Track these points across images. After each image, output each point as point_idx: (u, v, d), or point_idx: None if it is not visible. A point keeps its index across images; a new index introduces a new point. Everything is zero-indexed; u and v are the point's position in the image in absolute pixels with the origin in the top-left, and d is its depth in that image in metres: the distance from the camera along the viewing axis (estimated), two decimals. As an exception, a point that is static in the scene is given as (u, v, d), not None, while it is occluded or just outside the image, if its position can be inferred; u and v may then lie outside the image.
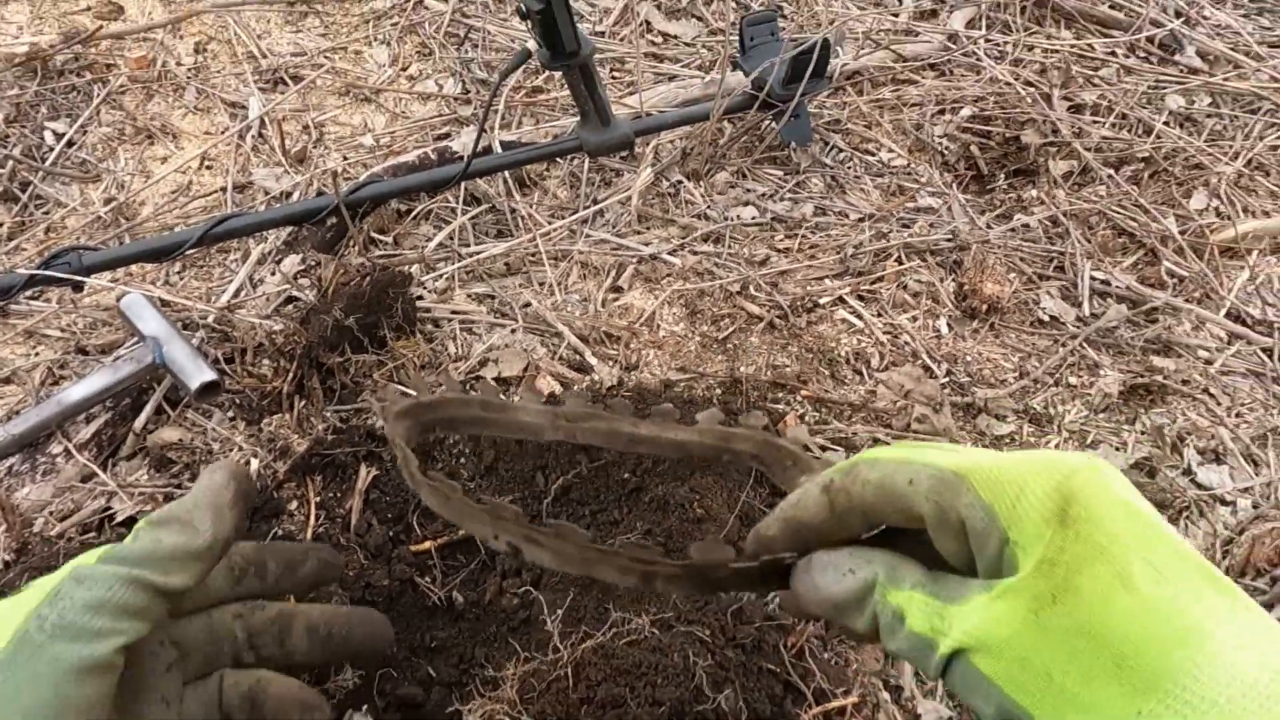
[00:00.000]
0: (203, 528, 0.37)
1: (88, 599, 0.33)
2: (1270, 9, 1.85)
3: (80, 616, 0.33)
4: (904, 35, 1.69)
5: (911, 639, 0.31)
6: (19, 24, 1.60)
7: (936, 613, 0.31)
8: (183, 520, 0.37)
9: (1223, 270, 1.32)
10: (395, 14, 1.69)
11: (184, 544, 0.36)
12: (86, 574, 0.34)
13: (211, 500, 0.39)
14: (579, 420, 0.54)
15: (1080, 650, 0.27)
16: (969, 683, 0.30)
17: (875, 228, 1.33)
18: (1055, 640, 0.28)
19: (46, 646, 0.32)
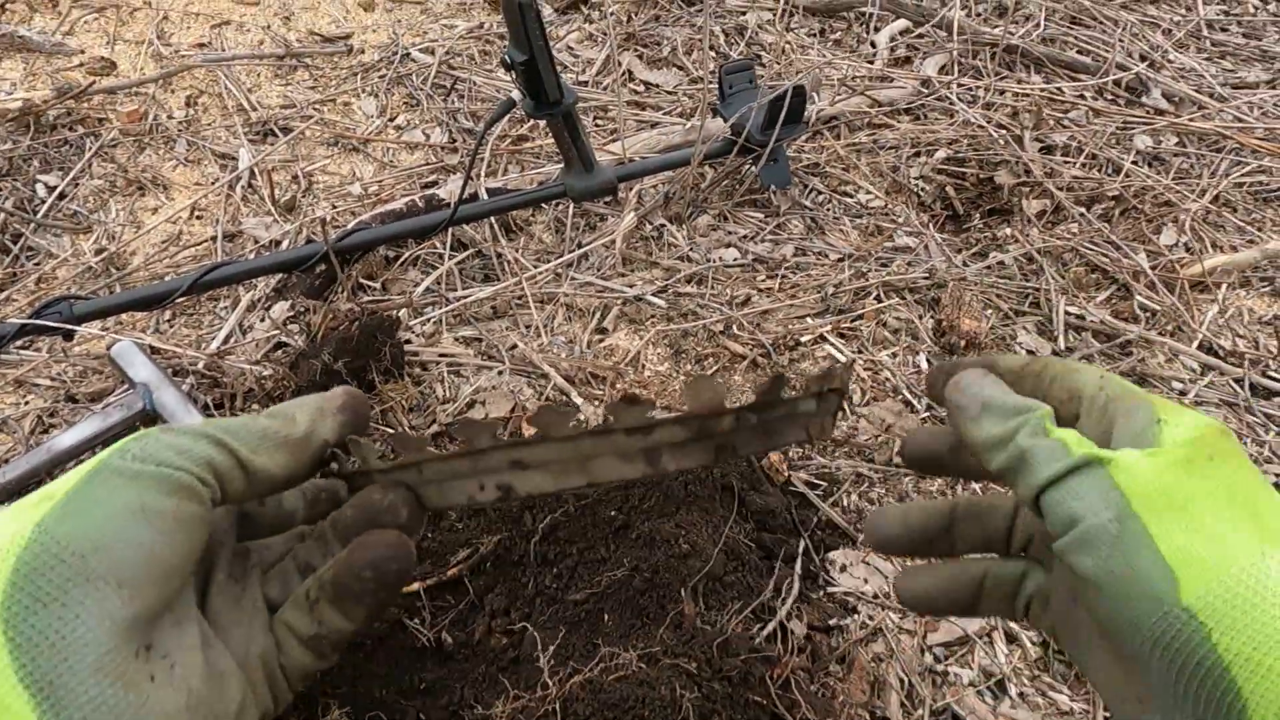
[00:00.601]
0: (301, 421, 0.37)
1: (173, 441, 0.33)
2: (1232, 52, 1.91)
3: (165, 452, 0.32)
4: (878, 81, 1.74)
5: (1051, 447, 0.34)
6: (13, 80, 1.63)
7: (1088, 445, 0.34)
8: (285, 414, 0.37)
9: (1194, 304, 1.35)
10: (383, 66, 1.73)
11: (277, 428, 0.36)
12: (174, 427, 0.34)
13: (317, 403, 0.38)
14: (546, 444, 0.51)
15: (1222, 497, 0.32)
16: (1087, 490, 0.32)
17: (854, 267, 1.36)
18: (1202, 483, 0.32)
19: (128, 466, 0.31)
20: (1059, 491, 0.33)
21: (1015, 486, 0.35)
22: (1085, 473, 0.33)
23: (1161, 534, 0.31)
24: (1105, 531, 0.31)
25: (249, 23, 1.81)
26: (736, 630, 0.83)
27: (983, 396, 0.37)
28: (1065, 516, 0.32)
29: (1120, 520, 0.31)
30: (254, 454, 0.34)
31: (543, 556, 0.94)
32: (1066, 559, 0.32)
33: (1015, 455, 0.35)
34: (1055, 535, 0.33)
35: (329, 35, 1.80)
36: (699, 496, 0.95)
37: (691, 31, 1.84)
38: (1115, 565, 0.31)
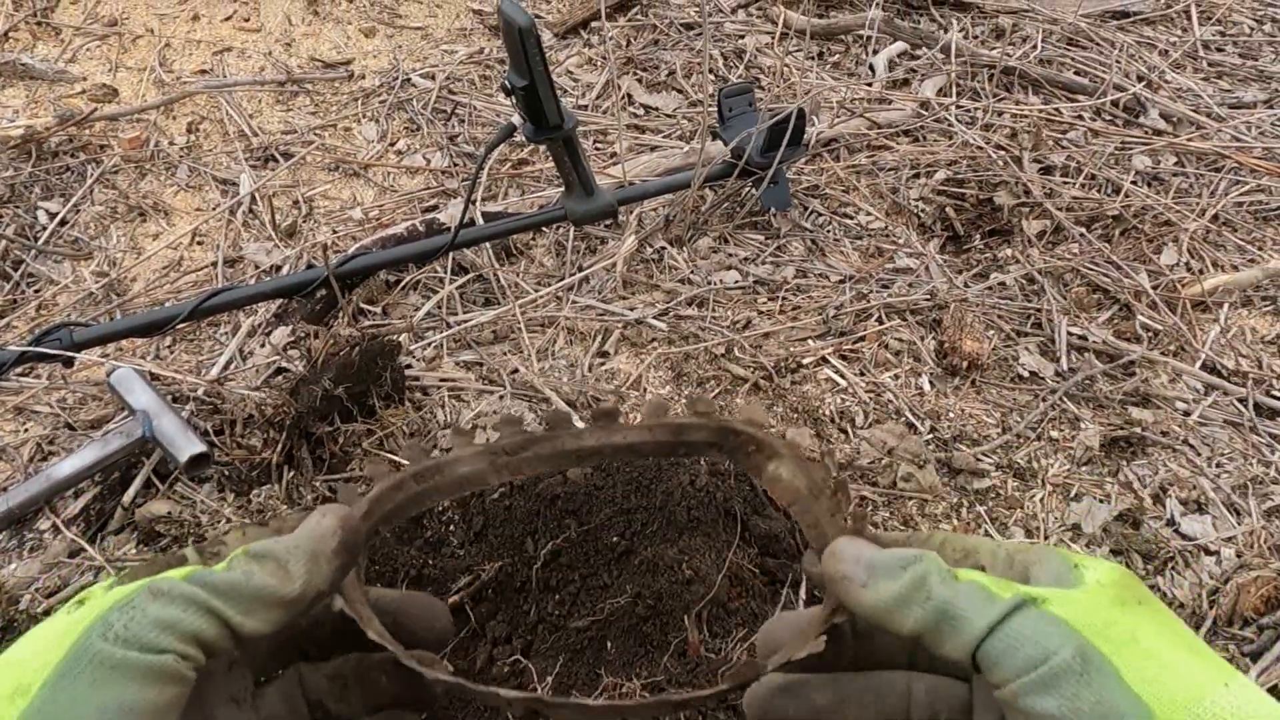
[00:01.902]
0: (296, 575, 0.34)
1: (160, 616, 0.31)
2: (1229, 72, 1.92)
3: (148, 631, 0.30)
4: (877, 103, 1.74)
5: (972, 592, 0.32)
6: (15, 107, 1.64)
7: (1008, 586, 0.33)
8: (277, 560, 0.34)
9: (1196, 323, 1.35)
10: (384, 92, 1.74)
11: (273, 588, 0.33)
12: (165, 589, 0.32)
13: (311, 546, 0.35)
14: (519, 451, 0.49)
15: (1166, 633, 0.31)
16: (1036, 630, 0.30)
17: (855, 289, 1.36)
18: (1141, 619, 0.31)
19: (110, 653, 0.30)
20: (1003, 638, 0.31)
21: (940, 645, 0.32)
22: (1024, 613, 0.31)
23: (1125, 667, 0.29)
24: (1069, 669, 0.29)
25: (250, 49, 1.82)
26: (742, 658, 0.82)
27: (864, 558, 0.35)
28: (1019, 661, 0.30)
29: (1082, 656, 0.30)
30: (245, 617, 0.33)
31: (545, 583, 0.93)
32: (1023, 703, 0.30)
33: (935, 610, 0.32)
34: (1001, 684, 0.31)
35: (330, 61, 1.81)
36: (702, 521, 0.94)
37: (690, 55, 1.85)
38: (1084, 703, 0.29)
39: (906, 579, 0.33)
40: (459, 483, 0.48)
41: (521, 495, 1.00)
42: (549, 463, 0.49)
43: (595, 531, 0.95)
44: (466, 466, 0.48)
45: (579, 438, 0.49)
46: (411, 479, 0.47)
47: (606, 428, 0.49)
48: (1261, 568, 1.01)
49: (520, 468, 0.49)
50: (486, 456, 0.49)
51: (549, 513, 0.97)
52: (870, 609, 0.34)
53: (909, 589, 0.33)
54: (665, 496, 0.96)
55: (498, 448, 0.49)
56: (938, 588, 0.32)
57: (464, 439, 0.49)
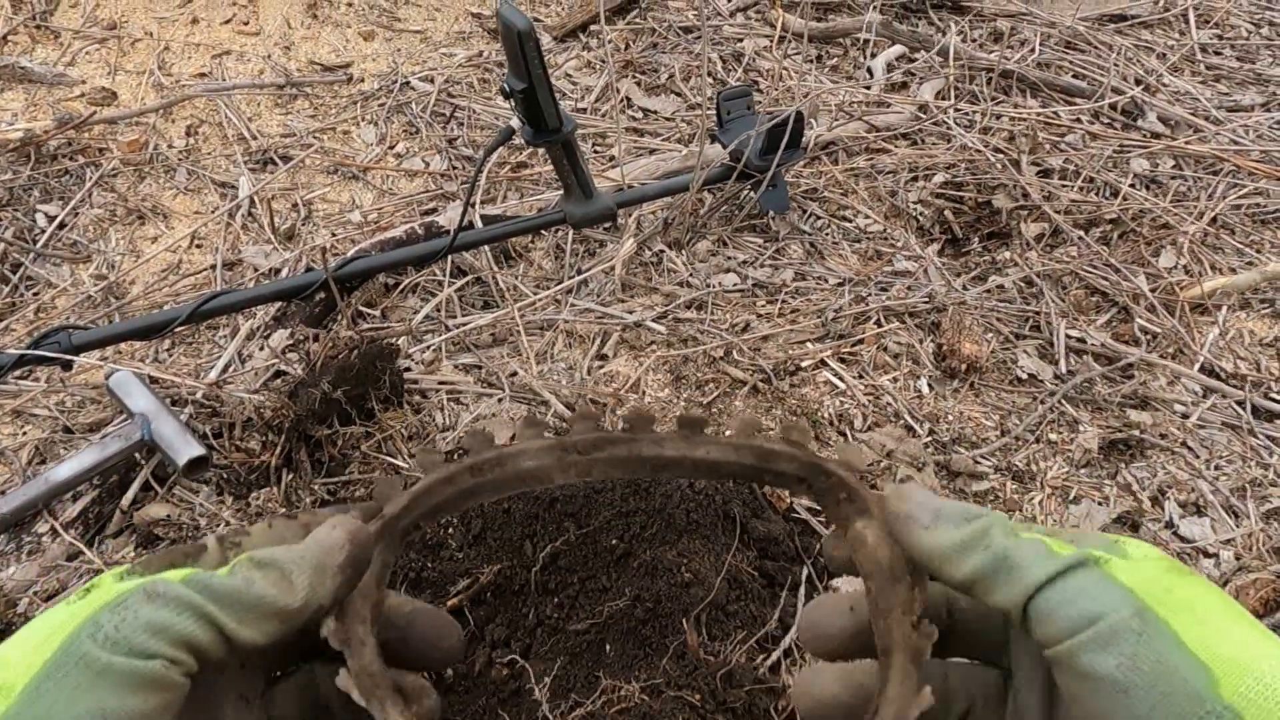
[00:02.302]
0: (299, 586, 0.33)
1: (151, 619, 0.30)
2: (1226, 76, 1.93)
3: (138, 635, 0.29)
4: (876, 106, 1.75)
5: (1035, 547, 0.32)
6: (14, 110, 1.64)
7: (1069, 546, 0.33)
8: (281, 569, 0.33)
9: (1194, 326, 1.35)
10: (383, 95, 1.74)
11: (273, 598, 0.32)
12: (160, 591, 0.31)
13: (317, 557, 0.34)
14: (591, 450, 0.45)
15: (1218, 603, 0.31)
16: (1096, 588, 0.30)
17: (854, 292, 1.36)
18: (1195, 589, 0.31)
19: (97, 656, 0.29)
20: (1060, 591, 0.31)
21: (992, 592, 0.32)
22: (1084, 572, 0.31)
23: (1184, 631, 0.29)
24: (1128, 628, 0.29)
25: (249, 52, 1.82)
26: (740, 661, 0.82)
27: (931, 503, 0.35)
28: (1075, 616, 0.30)
29: (1141, 617, 0.29)
30: (240, 625, 0.32)
31: (543, 586, 0.93)
32: (1078, 661, 0.30)
33: (993, 558, 0.32)
34: (1055, 640, 0.30)
35: (329, 64, 1.81)
36: (701, 524, 0.94)
37: (689, 58, 1.85)
38: (1144, 663, 0.28)
39: (970, 528, 0.33)
40: (520, 478, 0.45)
41: (520, 498, 1.00)
42: (622, 467, 0.45)
43: (594, 534, 0.95)
44: (532, 461, 0.44)
45: (659, 445, 0.45)
46: (467, 471, 0.44)
47: (689, 438, 0.46)
48: (1260, 570, 1.01)
49: (590, 469, 0.45)
50: (555, 452, 0.45)
51: (548, 515, 0.97)
52: (928, 551, 0.34)
53: (971, 536, 0.33)
54: (664, 499, 0.97)
55: (569, 444, 0.45)
56: (999, 538, 0.32)
57: (534, 430, 0.45)
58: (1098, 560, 0.31)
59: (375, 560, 0.39)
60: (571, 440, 0.45)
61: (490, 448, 0.44)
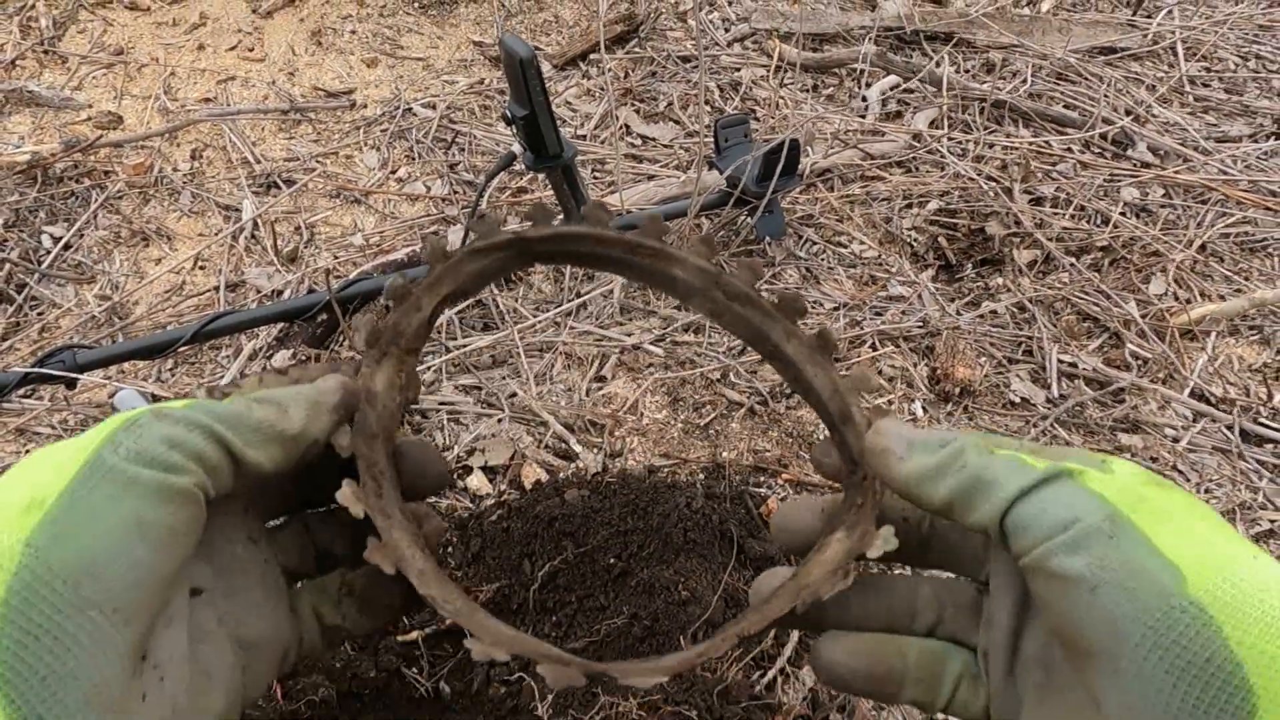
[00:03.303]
0: (295, 415, 0.34)
1: (167, 433, 0.31)
2: (1214, 107, 1.96)
3: (158, 447, 0.30)
4: (870, 135, 1.78)
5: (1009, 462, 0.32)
6: (21, 133, 1.66)
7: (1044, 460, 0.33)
8: (279, 403, 0.34)
9: (1184, 351, 1.37)
10: (385, 120, 1.76)
11: (272, 421, 0.33)
12: (168, 412, 0.31)
13: (312, 396, 0.36)
14: (736, 301, 0.43)
15: (1196, 512, 0.31)
16: (1069, 496, 0.31)
17: (849, 316, 1.38)
18: (1173, 499, 0.31)
19: (123, 468, 0.29)
20: (1035, 503, 0.31)
21: (969, 512, 0.32)
22: (1058, 483, 0.31)
23: (1155, 534, 0.29)
24: (1099, 531, 0.29)
25: (254, 78, 1.85)
26: (737, 678, 0.83)
27: (906, 435, 0.35)
28: (1049, 523, 0.30)
29: (1112, 520, 0.30)
30: (247, 446, 0.32)
31: (541, 605, 0.94)
32: (1048, 564, 0.30)
33: (968, 478, 0.33)
34: (1029, 549, 0.31)
35: (332, 90, 1.84)
36: (698, 543, 0.96)
37: (687, 87, 1.88)
38: (1112, 562, 0.29)
39: (944, 452, 0.34)
40: (666, 279, 0.43)
41: (519, 517, 1.01)
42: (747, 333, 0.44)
43: (592, 553, 0.96)
44: (685, 273, 0.43)
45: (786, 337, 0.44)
46: (623, 247, 0.42)
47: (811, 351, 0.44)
48: (1250, 592, 1.02)
49: (723, 315, 0.43)
50: (711, 279, 0.43)
51: (546, 534, 0.98)
52: (905, 479, 0.34)
53: (945, 460, 0.33)
54: (662, 519, 0.98)
55: (723, 282, 0.43)
56: (974, 458, 0.33)
57: (704, 249, 0.43)
58: (1072, 473, 0.31)
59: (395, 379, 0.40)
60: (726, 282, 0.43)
61: (655, 240, 0.42)
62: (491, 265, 0.42)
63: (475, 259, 0.42)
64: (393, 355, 0.41)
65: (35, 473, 0.30)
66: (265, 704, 0.84)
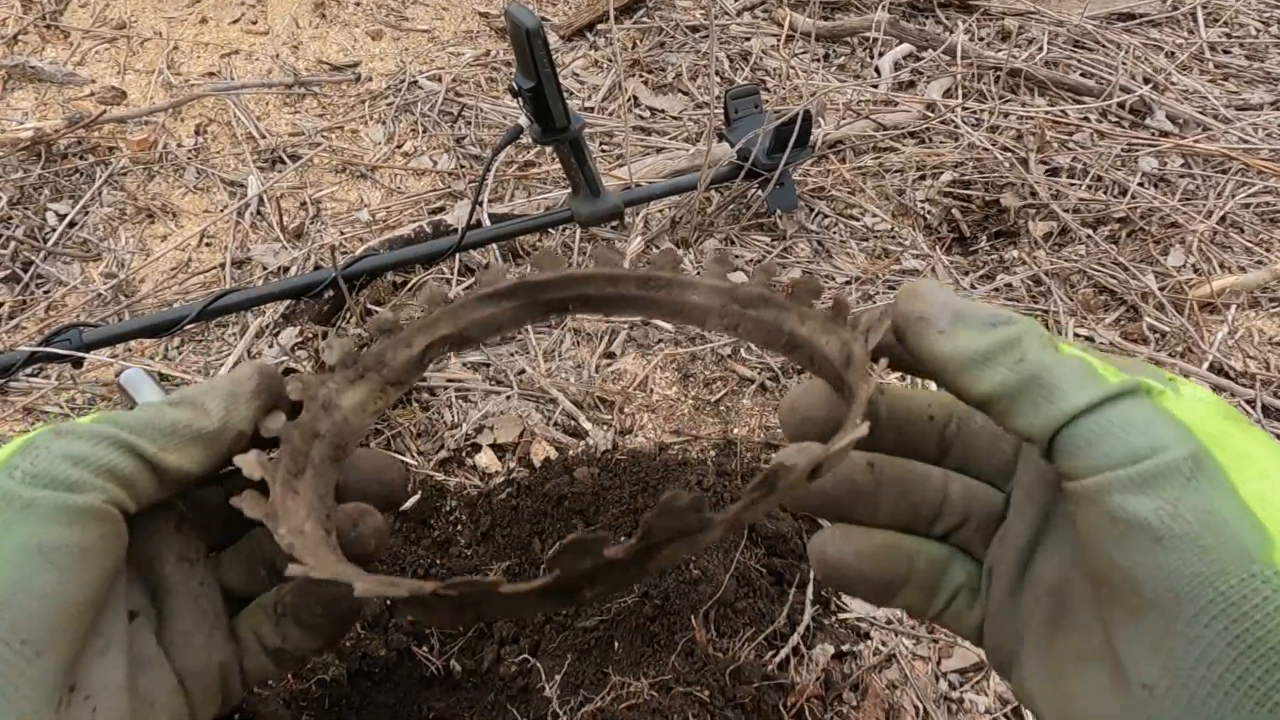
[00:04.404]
0: (213, 410, 0.32)
1: (68, 450, 0.28)
2: (1235, 74, 1.92)
3: (58, 465, 0.27)
4: (883, 105, 1.74)
5: (1076, 367, 0.27)
6: (24, 109, 1.65)
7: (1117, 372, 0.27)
8: (193, 402, 0.32)
9: (1203, 325, 1.34)
10: (390, 94, 1.74)
11: (187, 420, 0.31)
12: (68, 428, 0.29)
13: (227, 387, 0.33)
14: (751, 306, 0.41)
15: (1277, 457, 0.26)
16: (1146, 422, 0.26)
17: (862, 290, 1.36)
18: (1253, 439, 0.27)
19: (18, 492, 0.27)
20: (1102, 421, 0.26)
21: (1017, 415, 0.27)
22: (1133, 401, 0.26)
23: (1241, 482, 0.25)
24: (1177, 471, 0.25)
25: (258, 52, 1.83)
26: (749, 657, 0.83)
27: (952, 303, 0.29)
28: (1118, 450, 0.25)
29: (1195, 460, 0.25)
30: (164, 452, 0.30)
31: (552, 583, 0.93)
32: (1107, 499, 0.25)
33: (1024, 374, 0.27)
34: (1086, 473, 0.26)
35: (337, 64, 1.82)
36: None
37: (696, 57, 1.85)
38: (1188, 510, 0.24)
39: (996, 335, 0.28)
40: (682, 308, 0.42)
41: (529, 495, 1.00)
42: (763, 334, 0.41)
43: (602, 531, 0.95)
44: (700, 297, 0.41)
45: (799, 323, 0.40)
46: (635, 282, 0.41)
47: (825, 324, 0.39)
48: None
49: (740, 324, 0.41)
50: (724, 296, 0.41)
51: (556, 513, 0.97)
52: (946, 359, 0.28)
53: (998, 345, 0.28)
54: (672, 497, 0.97)
55: (736, 292, 0.41)
56: (1035, 351, 0.27)
57: (719, 269, 0.42)
58: (1150, 391, 0.26)
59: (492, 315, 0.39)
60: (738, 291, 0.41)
61: (668, 271, 0.41)
62: (500, 315, 0.41)
63: (480, 306, 0.41)
64: (371, 380, 0.39)
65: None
66: (275, 683, 0.84)
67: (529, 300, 0.41)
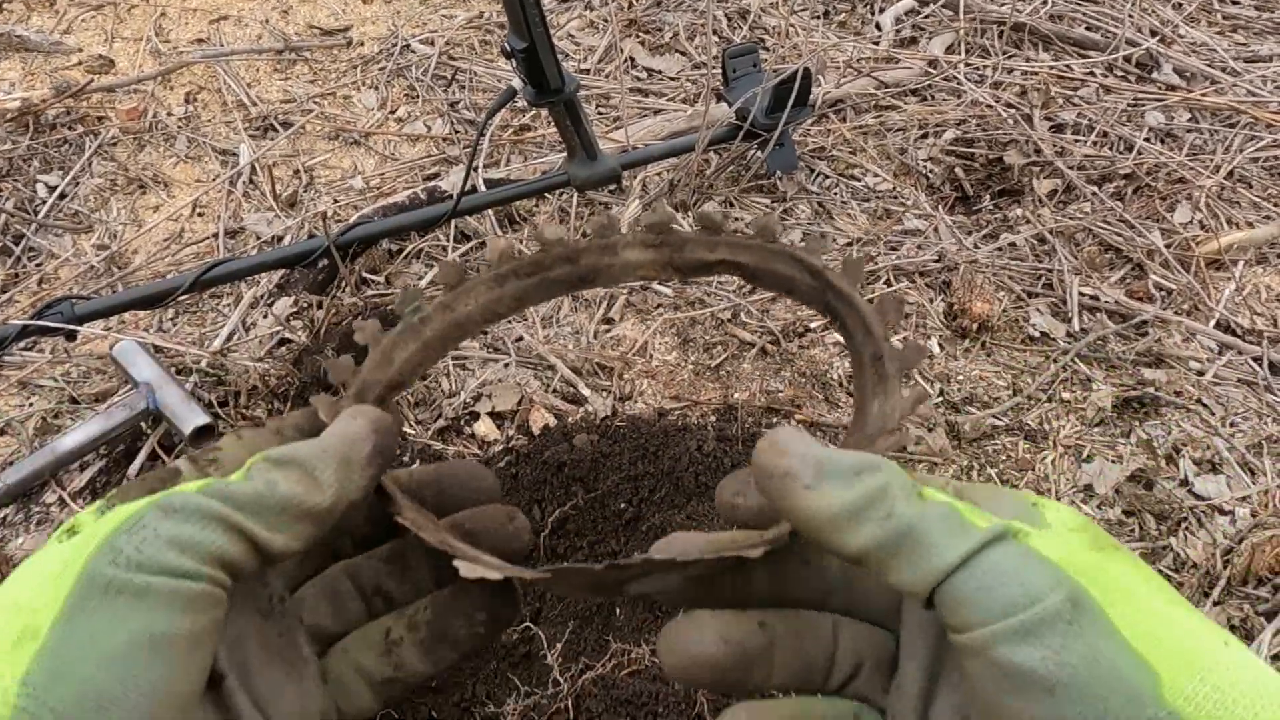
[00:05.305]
0: (326, 483, 0.30)
1: (175, 534, 0.26)
2: (1244, 26, 1.88)
3: (163, 552, 0.26)
4: (884, 62, 1.71)
5: (945, 516, 0.27)
6: (11, 80, 1.62)
7: (982, 514, 0.28)
8: (307, 467, 0.30)
9: (1210, 282, 1.32)
10: (383, 58, 1.71)
11: (300, 497, 0.29)
12: (178, 504, 0.27)
13: (343, 450, 0.31)
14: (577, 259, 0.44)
15: (1152, 584, 0.27)
16: (1020, 568, 0.26)
17: (863, 251, 1.34)
18: (1125, 568, 0.27)
19: (126, 580, 0.25)
20: (979, 575, 0.26)
21: (893, 571, 0.27)
22: (1005, 546, 0.26)
23: (1120, 619, 0.25)
24: (1058, 617, 0.25)
25: (247, 17, 1.79)
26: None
27: (814, 455, 0.28)
28: (1000, 603, 0.25)
29: (1073, 602, 0.25)
30: (271, 532, 0.28)
31: (552, 550, 0.93)
32: (994, 653, 0.25)
33: (893, 531, 0.27)
34: (969, 626, 0.26)
35: (328, 28, 1.78)
36: (710, 487, 0.94)
37: (694, 16, 1.82)
38: (1074, 656, 0.24)
39: (862, 488, 0.27)
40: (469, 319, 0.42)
41: (528, 463, 0.99)
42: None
43: (603, 499, 0.95)
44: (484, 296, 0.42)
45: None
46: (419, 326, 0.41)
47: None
48: (1276, 527, 1.00)
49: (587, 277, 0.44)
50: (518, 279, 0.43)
51: (556, 480, 0.97)
52: (813, 516, 0.28)
53: (864, 500, 0.27)
54: (673, 462, 0.96)
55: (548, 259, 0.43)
56: (901, 504, 0.27)
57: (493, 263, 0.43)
58: (1016, 534, 0.27)
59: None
60: (506, 270, 0.43)
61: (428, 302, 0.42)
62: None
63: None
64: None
65: (24, 593, 0.26)
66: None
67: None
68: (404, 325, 0.40)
